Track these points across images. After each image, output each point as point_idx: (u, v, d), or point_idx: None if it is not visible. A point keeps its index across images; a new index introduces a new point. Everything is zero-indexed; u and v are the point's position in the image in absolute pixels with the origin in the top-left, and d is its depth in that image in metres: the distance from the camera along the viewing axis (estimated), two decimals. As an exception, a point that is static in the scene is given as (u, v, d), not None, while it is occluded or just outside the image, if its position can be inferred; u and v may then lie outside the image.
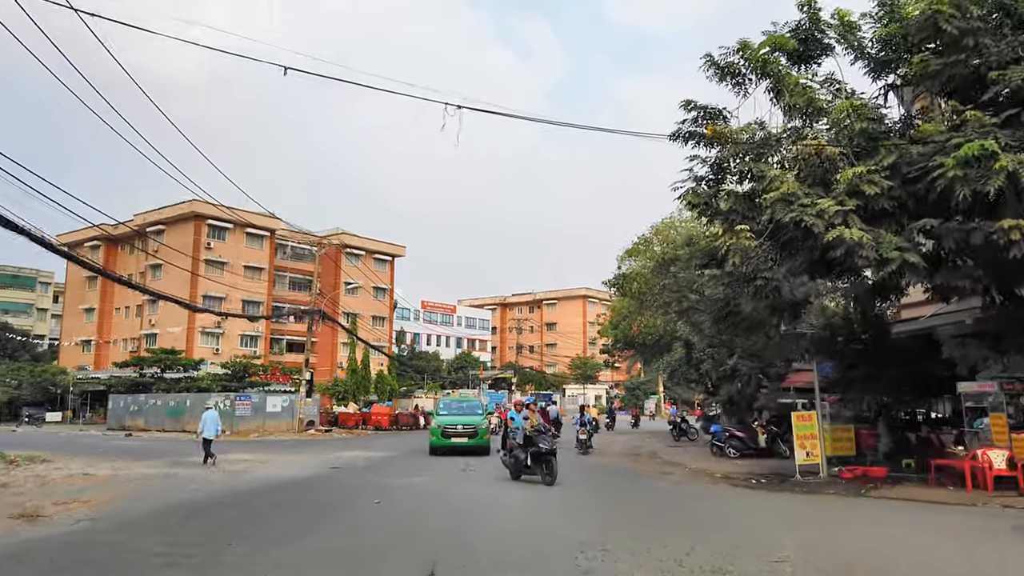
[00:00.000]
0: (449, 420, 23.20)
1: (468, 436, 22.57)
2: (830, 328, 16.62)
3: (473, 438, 22.56)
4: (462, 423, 22.90)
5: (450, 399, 27.32)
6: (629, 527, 10.17)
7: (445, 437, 22.43)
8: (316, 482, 15.16)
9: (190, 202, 64.25)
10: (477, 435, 22.62)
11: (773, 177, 12.99)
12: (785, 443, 21.18)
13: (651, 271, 22.83)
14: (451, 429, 22.58)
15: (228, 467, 18.34)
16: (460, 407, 24.82)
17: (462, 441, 22.51)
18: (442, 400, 26.04)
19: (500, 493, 14.10)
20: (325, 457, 22.10)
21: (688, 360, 27.80)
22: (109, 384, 53.27)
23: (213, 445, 19.59)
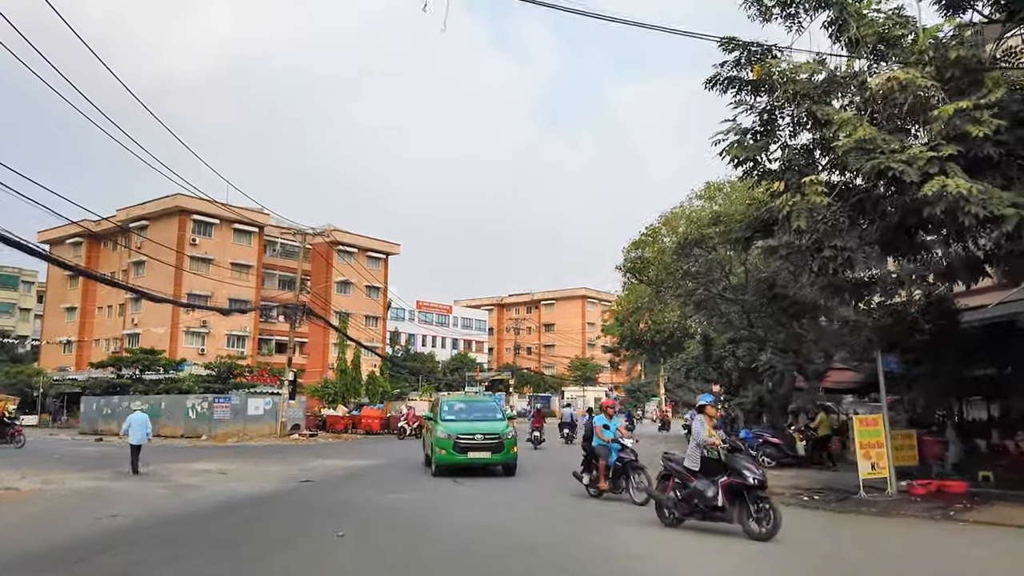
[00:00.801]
0: (463, 427, 16.85)
1: (492, 449, 16.48)
2: (897, 314, 13.95)
3: (499, 452, 16.55)
4: (482, 431, 16.69)
5: (455, 399, 20.30)
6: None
7: (459, 451, 16.23)
8: (274, 501, 12.40)
9: (174, 196, 61.60)
10: (503, 448, 16.58)
11: (844, 121, 10.32)
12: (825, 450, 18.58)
13: (671, 254, 20.16)
14: (467, 440, 16.39)
15: (180, 480, 15.62)
16: (471, 410, 18.55)
17: (483, 457, 16.46)
18: (445, 401, 19.18)
19: (577, 531, 10.05)
20: (300, 467, 19.38)
21: (707, 357, 25.15)
22: (84, 386, 50.45)
23: (149, 452, 16.94)
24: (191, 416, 36.46)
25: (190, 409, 36.70)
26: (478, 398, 23.47)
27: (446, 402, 19.08)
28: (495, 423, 17.63)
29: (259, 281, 67.28)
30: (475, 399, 21.91)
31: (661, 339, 37.61)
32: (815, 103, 10.91)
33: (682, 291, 20.51)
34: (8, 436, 28.31)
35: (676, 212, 30.45)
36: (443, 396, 20.34)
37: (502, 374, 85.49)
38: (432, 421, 18.04)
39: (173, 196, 61.66)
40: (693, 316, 25.97)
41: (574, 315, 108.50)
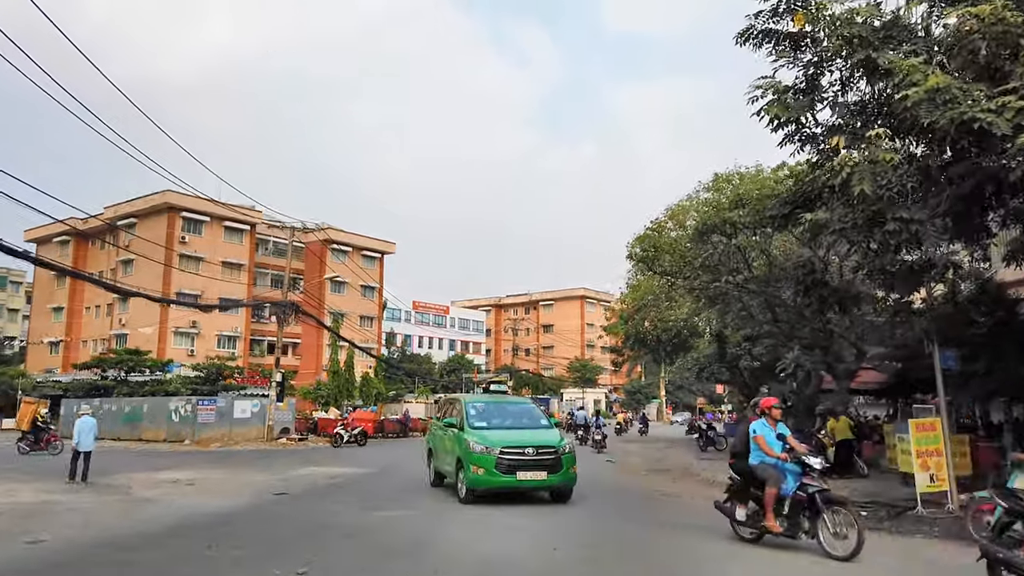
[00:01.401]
0: (504, 438, 12.76)
1: (548, 468, 12.50)
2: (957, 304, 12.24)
3: (556, 472, 12.55)
4: (532, 443, 12.61)
5: (482, 399, 15.30)
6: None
7: (504, 471, 12.25)
8: (237, 521, 10.46)
9: (163, 192, 59.97)
10: (560, 466, 12.61)
11: (913, 68, 8.62)
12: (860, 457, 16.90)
13: (688, 240, 18.42)
14: (515, 456, 12.34)
15: (139, 493, 13.87)
16: (504, 413, 14.37)
17: (537, 479, 12.47)
18: (469, 402, 14.54)
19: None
20: (280, 476, 17.63)
21: (720, 356, 23.44)
22: (67, 388, 48.62)
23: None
24: (174, 419, 34.69)
25: (173, 412, 34.93)
26: (510, 398, 17.52)
27: (471, 403, 14.38)
28: (545, 432, 13.45)
29: (251, 280, 65.52)
30: (506, 399, 16.35)
31: (667, 338, 35.94)
32: (875, 50, 9.18)
33: (699, 282, 18.77)
34: (44, 443, 25.92)
35: (683, 205, 28.75)
36: (463, 396, 15.41)
37: (500, 376, 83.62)
38: (450, 428, 13.72)
39: (162, 193, 59.99)
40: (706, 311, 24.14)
41: (573, 316, 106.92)
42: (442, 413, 15.65)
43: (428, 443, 16.02)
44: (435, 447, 15.22)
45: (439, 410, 16.44)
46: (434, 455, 15.25)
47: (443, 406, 16.11)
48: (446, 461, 14.01)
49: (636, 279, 36.76)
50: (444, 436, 14.29)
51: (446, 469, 14.04)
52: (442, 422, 14.76)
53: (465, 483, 12.67)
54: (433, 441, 15.55)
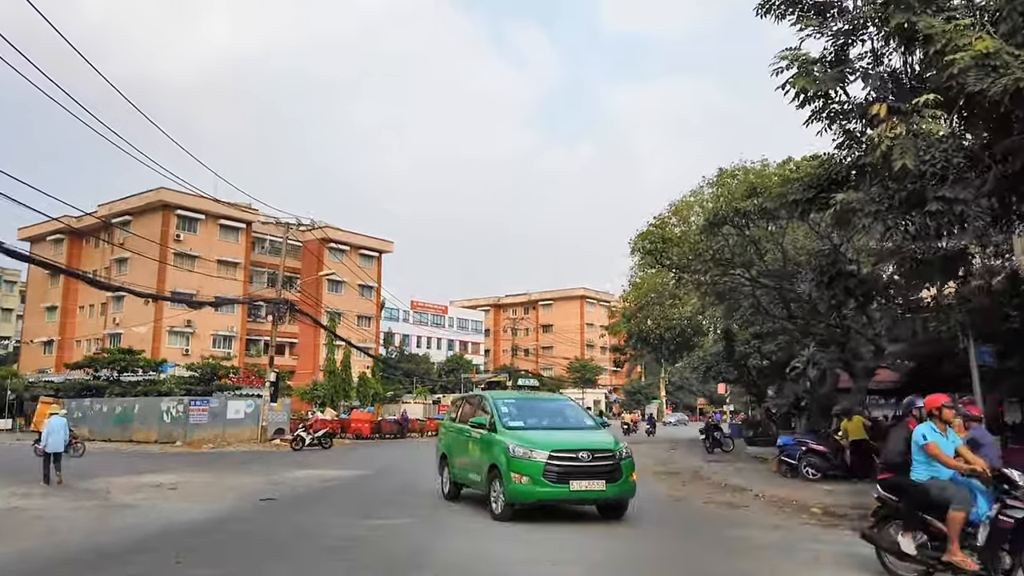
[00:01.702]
0: (550, 440, 10.67)
1: (606, 476, 10.36)
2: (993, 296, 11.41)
3: (615, 481, 10.39)
4: (586, 446, 10.54)
5: (511, 395, 13.24)
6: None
7: (554, 480, 10.16)
8: (215, 532, 9.39)
9: (157, 190, 59.25)
10: (620, 474, 10.47)
11: (959, 31, 7.80)
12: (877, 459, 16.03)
13: (699, 231, 17.56)
14: (567, 462, 10.25)
15: (117, 498, 13.00)
16: (540, 411, 12.33)
17: (594, 490, 10.33)
18: (497, 399, 12.30)
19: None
20: (270, 479, 16.77)
21: (728, 354, 22.59)
22: (59, 388, 47.78)
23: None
24: (165, 420, 33.85)
25: (164, 413, 34.09)
26: (544, 394, 15.79)
27: (500, 400, 12.13)
28: (595, 433, 11.44)
29: (247, 279, 64.70)
30: (540, 396, 14.63)
31: (671, 336, 35.12)
32: (914, 14, 8.36)
33: (710, 275, 17.91)
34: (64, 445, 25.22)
35: (687, 200, 27.95)
36: (488, 393, 13.09)
37: (499, 376, 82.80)
38: (476, 428, 11.70)
39: (156, 190, 59.25)
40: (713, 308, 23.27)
41: (573, 316, 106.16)
42: (459, 413, 13.47)
43: (441, 448, 13.75)
44: (452, 452, 12.94)
45: (455, 410, 14.13)
46: (451, 462, 12.91)
47: (461, 405, 13.89)
48: (470, 469, 11.92)
49: (639, 276, 36.01)
50: (467, 439, 12.13)
51: (470, 478, 11.89)
52: (465, 423, 12.56)
53: (504, 495, 10.32)
54: (449, 445, 13.22)
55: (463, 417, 12.97)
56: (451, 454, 13.03)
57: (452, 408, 14.87)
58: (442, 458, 13.58)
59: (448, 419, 14.30)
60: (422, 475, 18.04)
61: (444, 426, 14.37)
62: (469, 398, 13.97)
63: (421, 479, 16.89)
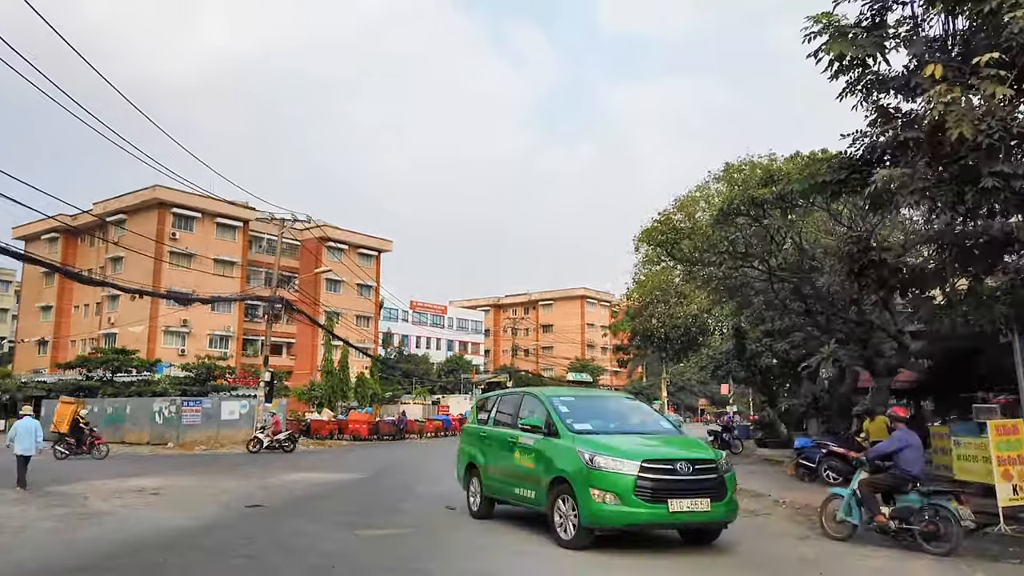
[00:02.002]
0: (644, 448, 8.65)
1: (711, 493, 8.29)
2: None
3: (720, 499, 8.36)
4: (683, 456, 8.49)
5: (569, 392, 11.44)
6: None
7: (649, 497, 8.02)
8: (189, 546, 8.26)
9: (152, 188, 58.50)
10: (724, 490, 8.47)
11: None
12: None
13: (711, 222, 16.70)
14: (664, 475, 8.17)
15: (94, 504, 12.14)
16: (607, 413, 10.23)
17: (699, 512, 8.18)
18: (553, 397, 10.02)
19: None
20: (261, 482, 15.91)
21: (738, 353, 21.75)
22: (50, 389, 46.93)
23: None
24: (157, 421, 32.96)
25: (156, 413, 33.20)
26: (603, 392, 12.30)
27: (554, 397, 9.99)
28: (685, 439, 9.47)
29: (244, 278, 63.83)
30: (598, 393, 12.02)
31: (676, 335, 34.29)
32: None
33: (724, 268, 17.03)
34: (87, 446, 24.28)
35: (693, 196, 27.14)
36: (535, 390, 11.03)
37: (499, 376, 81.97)
38: (528, 432, 9.49)
39: (152, 188, 58.50)
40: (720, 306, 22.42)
41: (573, 316, 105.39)
42: (491, 413, 11.23)
43: (466, 455, 11.43)
44: (485, 461, 10.71)
45: (483, 409, 11.71)
46: (482, 473, 10.72)
47: (495, 404, 11.39)
48: (517, 482, 9.66)
49: (643, 273, 35.17)
50: (510, 445, 9.97)
51: (518, 493, 9.63)
52: (503, 425, 10.62)
53: (580, 517, 8.15)
54: (479, 452, 10.98)
55: (499, 418, 10.85)
56: (483, 462, 10.76)
57: (478, 408, 12.22)
58: (468, 468, 11.25)
59: (473, 420, 12.00)
60: (422, 478, 17.24)
61: (469, 429, 11.97)
62: (506, 395, 11.75)
63: (421, 483, 16.08)
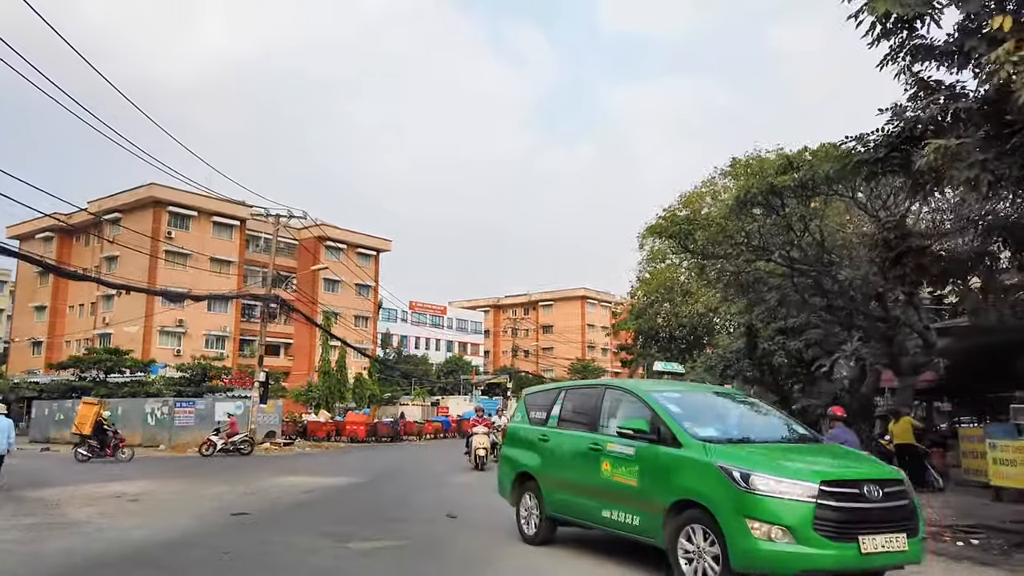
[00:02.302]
0: (817, 466, 6.36)
1: (905, 525, 6.09)
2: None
3: (916, 534, 6.17)
4: (869, 475, 6.34)
5: (674, 388, 8.92)
6: None
7: (838, 533, 5.82)
8: (158, 563, 7.56)
9: (148, 186, 57.77)
10: (918, 520, 6.29)
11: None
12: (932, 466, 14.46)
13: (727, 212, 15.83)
14: (851, 498, 6.00)
15: (67, 512, 11.27)
16: (725, 414, 7.93)
17: (895, 551, 5.96)
18: (651, 390, 7.82)
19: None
20: (250, 487, 15.05)
21: (750, 352, 20.93)
22: (42, 389, 46.11)
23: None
24: (149, 422, 32.12)
25: (149, 415, 32.37)
26: (710, 387, 11.74)
27: (660, 394, 7.71)
28: (856, 453, 7.49)
29: (240, 277, 63.02)
30: (707, 388, 10.42)
31: (681, 335, 33.50)
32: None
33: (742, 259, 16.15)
34: (110, 448, 23.51)
35: (699, 192, 26.32)
36: (627, 383, 9.11)
37: (499, 377, 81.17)
38: (628, 438, 7.25)
39: (147, 186, 57.77)
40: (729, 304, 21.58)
41: (573, 316, 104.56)
42: (552, 412, 8.87)
43: (515, 464, 9.19)
44: (547, 472, 8.53)
45: (538, 407, 9.28)
46: (543, 486, 8.50)
47: (559, 400, 8.94)
48: (606, 502, 7.44)
49: (648, 271, 34.36)
50: (595, 454, 7.65)
51: (611, 517, 7.33)
52: (574, 426, 8.43)
53: (731, 557, 6.04)
54: (535, 460, 8.79)
55: (567, 418, 8.59)
56: (544, 473, 8.57)
57: (529, 404, 9.60)
58: (520, 479, 9.03)
59: (522, 420, 9.53)
60: (421, 483, 16.44)
61: (519, 432, 9.45)
62: (576, 390, 9.31)
63: (420, 488, 15.26)
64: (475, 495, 13.73)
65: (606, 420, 7.92)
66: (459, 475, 18.03)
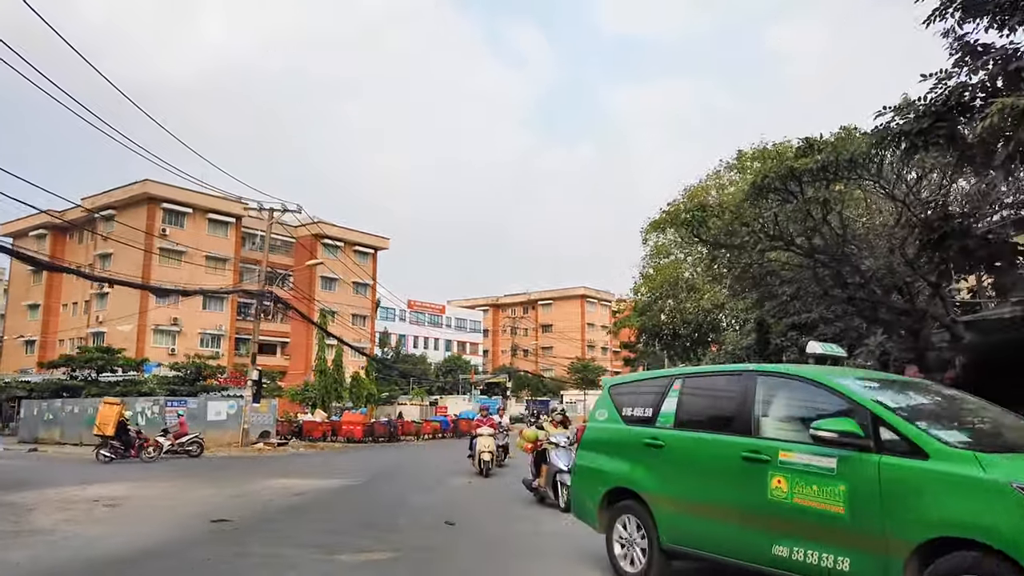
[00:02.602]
0: None
1: None
2: None
3: None
4: None
5: (876, 379, 5.86)
6: None
7: None
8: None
9: (142, 182, 56.99)
10: None
11: None
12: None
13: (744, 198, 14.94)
14: None
15: (37, 518, 10.40)
16: (954, 411, 5.74)
17: None
18: (840, 376, 5.63)
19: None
20: (237, 491, 14.20)
21: (761, 348, 20.10)
22: (32, 388, 45.24)
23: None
24: (140, 422, 31.14)
25: (139, 415, 31.44)
26: (882, 374, 7.45)
27: (859, 384, 5.58)
28: None
29: (237, 275, 62.12)
30: (900, 379, 6.94)
31: (686, 332, 32.63)
32: None
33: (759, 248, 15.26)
34: (136, 449, 22.96)
35: (704, 185, 25.51)
36: (795, 369, 6.16)
37: (498, 377, 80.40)
38: (824, 446, 5.10)
39: (141, 183, 56.99)
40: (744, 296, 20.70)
41: (573, 315, 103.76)
42: (660, 409, 6.70)
43: (605, 477, 7.02)
44: (664, 490, 6.39)
45: (638, 402, 7.05)
46: (657, 509, 6.42)
47: (664, 393, 6.77)
48: (780, 536, 5.41)
49: (651, 267, 33.50)
50: (755, 466, 5.63)
51: (793, 557, 5.27)
52: (681, 429, 6.41)
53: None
54: (640, 473, 6.62)
55: (689, 418, 6.41)
56: (658, 491, 6.40)
57: (619, 401, 7.31)
58: (611, 497, 6.89)
59: (611, 419, 7.23)
60: (418, 486, 15.58)
61: (610, 434, 7.18)
62: (703, 377, 7.04)
63: (417, 492, 14.42)
64: (476, 500, 12.90)
65: (761, 419, 5.81)
66: (459, 478, 17.14)
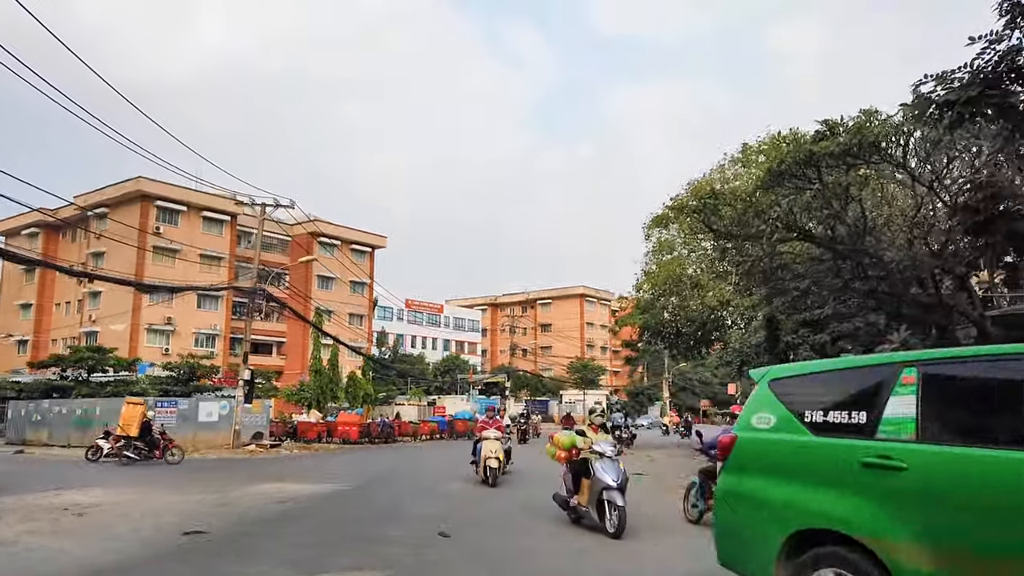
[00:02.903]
0: None
1: None
2: None
3: None
4: None
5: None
6: None
7: None
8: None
9: (135, 179, 56.20)
10: None
11: None
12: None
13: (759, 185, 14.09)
14: None
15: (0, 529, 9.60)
16: None
17: None
18: None
19: None
20: (221, 496, 13.35)
21: (771, 346, 19.27)
22: (21, 389, 44.32)
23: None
24: (129, 423, 30.35)
25: (128, 415, 30.58)
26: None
27: None
28: None
29: (232, 274, 61.26)
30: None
31: (689, 330, 31.87)
32: None
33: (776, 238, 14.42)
34: (160, 450, 22.24)
35: (709, 179, 24.74)
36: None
37: (497, 376, 79.52)
38: None
39: (135, 180, 56.22)
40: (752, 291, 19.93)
41: (572, 315, 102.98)
42: (876, 414, 4.36)
43: (783, 515, 4.68)
44: (918, 538, 3.92)
45: (835, 403, 4.69)
46: (898, 562, 3.96)
47: (889, 390, 4.35)
48: None
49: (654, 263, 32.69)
50: None
51: None
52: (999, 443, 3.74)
53: None
54: (861, 510, 4.21)
55: (949, 422, 4.10)
56: (906, 540, 3.96)
57: (797, 399, 5.02)
58: (799, 542, 4.55)
59: (776, 425, 5.04)
60: (413, 491, 14.77)
61: (777, 446, 4.99)
62: (959, 363, 4.30)
63: (411, 498, 13.61)
64: (475, 506, 12.09)
65: None
66: (458, 483, 16.28)
